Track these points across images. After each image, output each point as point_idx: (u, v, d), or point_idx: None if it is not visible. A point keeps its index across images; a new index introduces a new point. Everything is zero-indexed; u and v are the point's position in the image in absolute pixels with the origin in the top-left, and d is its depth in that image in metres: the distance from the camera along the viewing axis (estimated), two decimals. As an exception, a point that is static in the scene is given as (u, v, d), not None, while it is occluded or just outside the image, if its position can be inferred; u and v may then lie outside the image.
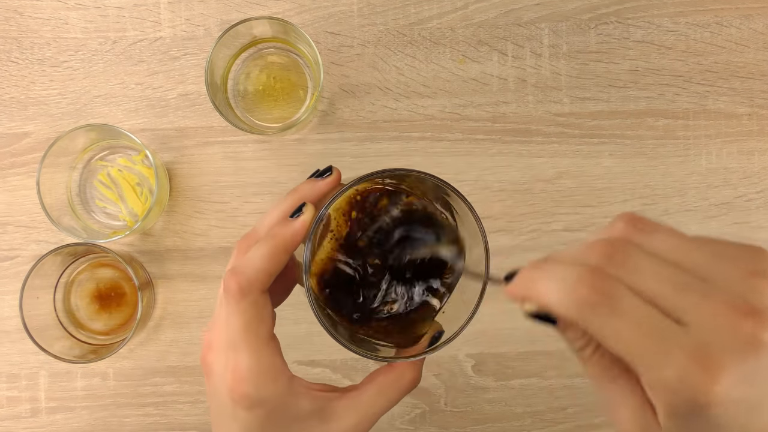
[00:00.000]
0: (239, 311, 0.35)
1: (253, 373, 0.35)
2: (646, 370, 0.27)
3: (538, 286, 0.29)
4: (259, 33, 0.62)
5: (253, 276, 0.35)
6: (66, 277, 0.65)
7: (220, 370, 0.36)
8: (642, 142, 0.65)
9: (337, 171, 0.39)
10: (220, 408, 0.37)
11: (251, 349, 0.35)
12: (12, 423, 0.65)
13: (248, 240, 0.38)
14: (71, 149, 0.62)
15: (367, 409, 0.38)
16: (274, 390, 0.36)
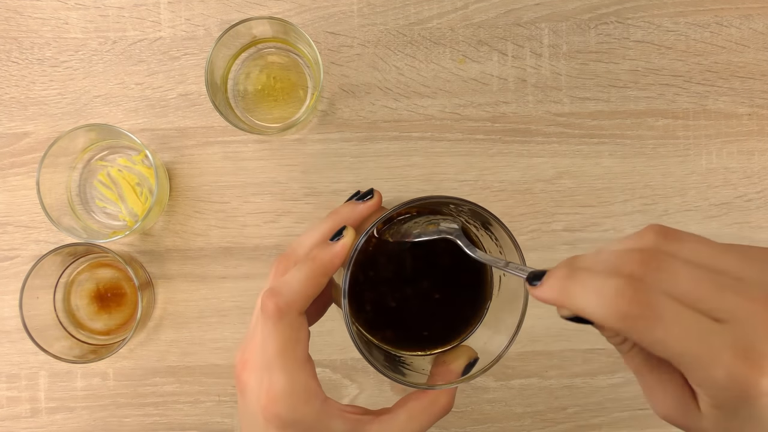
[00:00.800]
0: (276, 332, 0.36)
1: (287, 394, 0.35)
2: (693, 372, 0.28)
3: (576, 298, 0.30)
4: (259, 33, 0.62)
5: (292, 298, 0.36)
6: (66, 277, 0.65)
7: (255, 389, 0.36)
8: (642, 142, 0.65)
9: (378, 194, 0.39)
10: (253, 426, 0.37)
11: (286, 370, 0.36)
12: (12, 423, 0.65)
13: (286, 260, 0.38)
14: (71, 149, 0.62)
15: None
16: (307, 412, 0.36)
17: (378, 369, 0.36)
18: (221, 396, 0.65)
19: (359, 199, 0.39)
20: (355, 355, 0.65)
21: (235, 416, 0.65)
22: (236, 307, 0.65)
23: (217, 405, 0.65)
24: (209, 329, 0.65)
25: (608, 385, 0.65)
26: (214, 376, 0.65)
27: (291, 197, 0.65)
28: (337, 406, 0.38)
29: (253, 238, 0.65)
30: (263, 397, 0.36)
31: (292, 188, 0.65)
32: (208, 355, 0.65)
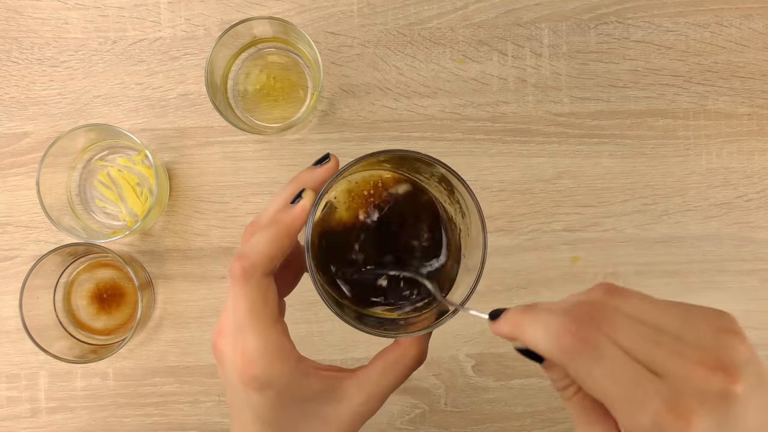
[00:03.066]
0: (244, 294, 0.36)
1: (260, 354, 0.36)
2: (623, 415, 0.29)
3: (525, 330, 0.32)
4: (259, 33, 0.62)
5: (256, 260, 0.36)
6: (66, 277, 0.65)
7: (230, 355, 0.37)
8: (642, 142, 0.65)
9: (335, 158, 0.40)
10: (234, 393, 0.37)
11: (257, 330, 0.36)
12: (12, 423, 0.65)
13: (253, 227, 0.39)
14: (71, 149, 0.62)
15: (375, 386, 0.38)
16: (282, 370, 0.36)
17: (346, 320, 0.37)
18: (221, 396, 0.65)
19: (317, 164, 0.41)
20: (356, 355, 0.65)
21: (235, 416, 0.65)
22: (236, 307, 0.65)
23: (217, 405, 0.65)
24: (209, 329, 0.65)
25: (608, 385, 0.65)
26: (214, 376, 0.65)
27: (291, 197, 0.65)
28: (313, 365, 0.38)
29: (253, 238, 0.65)
30: (238, 360, 0.36)
31: (292, 188, 0.65)
32: (208, 355, 0.65)
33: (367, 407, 0.38)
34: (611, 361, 0.30)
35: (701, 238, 0.65)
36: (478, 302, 0.65)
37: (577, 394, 0.33)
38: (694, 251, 0.65)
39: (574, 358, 0.30)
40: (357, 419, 0.38)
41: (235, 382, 0.37)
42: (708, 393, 0.28)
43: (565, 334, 0.30)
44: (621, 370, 0.29)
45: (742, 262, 0.65)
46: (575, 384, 0.32)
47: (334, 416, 0.38)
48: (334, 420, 0.37)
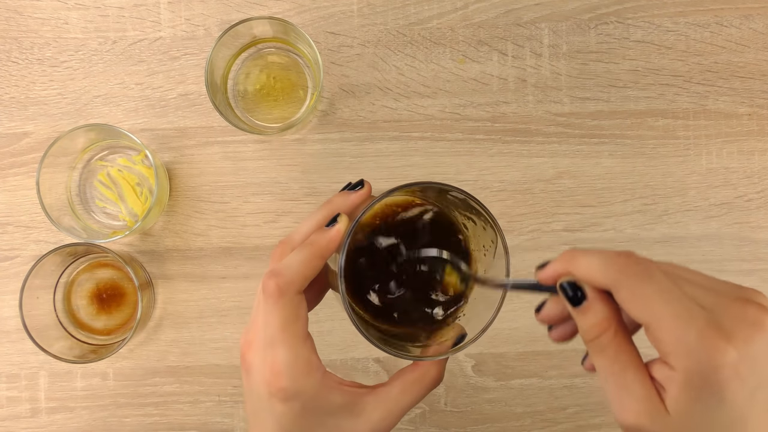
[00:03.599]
0: (277, 310, 0.38)
1: (289, 367, 0.37)
2: (669, 333, 0.32)
3: (580, 261, 0.35)
4: (259, 33, 0.62)
5: (291, 278, 0.38)
6: (66, 277, 0.65)
7: (259, 367, 0.38)
8: (642, 142, 0.65)
9: (368, 184, 0.42)
10: (258, 403, 0.39)
11: (288, 345, 0.38)
12: (12, 423, 0.65)
13: (284, 246, 0.41)
14: (71, 149, 0.62)
15: (394, 404, 0.39)
16: (309, 383, 0.38)
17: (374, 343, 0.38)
18: (221, 396, 0.65)
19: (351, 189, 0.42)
20: (355, 355, 0.65)
21: (235, 416, 0.65)
22: (236, 307, 0.65)
23: (217, 405, 0.65)
24: (209, 329, 0.65)
25: (608, 385, 0.65)
26: (214, 376, 0.65)
27: (291, 197, 0.65)
28: (336, 380, 0.40)
29: (253, 238, 0.65)
30: (267, 372, 0.38)
31: (292, 188, 0.65)
32: (208, 355, 0.65)
33: (385, 423, 0.39)
34: (662, 282, 0.33)
35: (701, 238, 0.65)
36: (478, 302, 0.64)
37: (615, 338, 0.34)
38: (694, 251, 0.65)
39: (629, 276, 0.33)
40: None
41: (261, 393, 0.38)
42: (745, 321, 0.31)
43: (620, 257, 0.34)
44: (670, 290, 0.32)
45: (742, 262, 0.65)
46: (612, 328, 0.34)
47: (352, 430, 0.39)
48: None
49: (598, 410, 0.65)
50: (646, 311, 0.33)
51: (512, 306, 0.64)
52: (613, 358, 0.34)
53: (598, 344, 0.35)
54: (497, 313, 0.39)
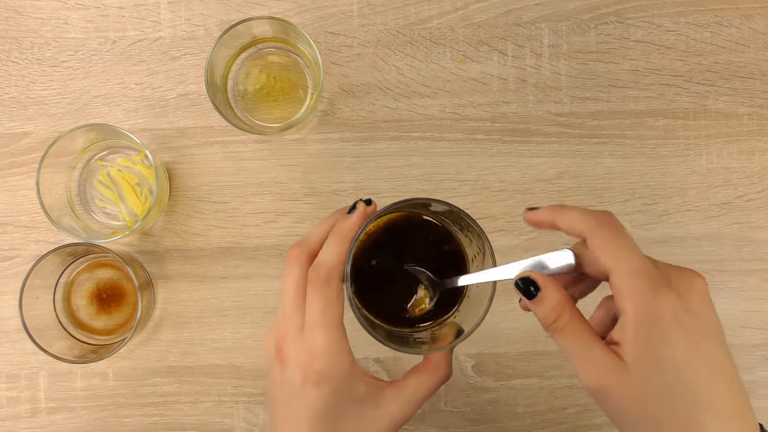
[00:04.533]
0: (322, 295, 0.41)
1: (325, 349, 0.41)
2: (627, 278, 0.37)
3: (564, 213, 0.40)
4: (259, 33, 0.62)
5: (332, 266, 0.42)
6: (66, 277, 0.64)
7: (295, 354, 0.41)
8: (642, 142, 0.65)
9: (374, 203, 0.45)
10: (291, 392, 0.42)
11: (327, 328, 0.41)
12: (12, 423, 0.65)
13: (301, 247, 0.44)
14: (71, 149, 0.62)
15: (410, 396, 0.43)
16: (341, 367, 0.41)
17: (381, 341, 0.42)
18: (221, 396, 0.65)
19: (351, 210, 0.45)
20: (356, 355, 0.64)
21: (235, 416, 0.65)
22: (236, 307, 0.65)
23: (217, 405, 0.65)
24: (209, 329, 0.65)
25: (608, 385, 0.65)
26: (214, 376, 0.65)
27: (291, 197, 0.65)
28: (361, 371, 0.43)
29: (253, 238, 0.65)
30: (305, 355, 0.41)
31: (292, 188, 0.65)
32: (208, 355, 0.65)
33: (403, 414, 0.43)
34: (629, 240, 0.38)
35: (701, 238, 0.65)
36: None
37: (570, 319, 0.38)
38: (694, 251, 0.65)
39: (605, 227, 0.39)
40: (393, 424, 0.43)
41: (296, 380, 0.41)
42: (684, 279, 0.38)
43: (599, 212, 0.40)
44: (635, 248, 0.38)
45: (743, 262, 0.65)
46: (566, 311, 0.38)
47: (373, 419, 0.43)
48: (373, 422, 0.43)
49: (598, 410, 0.65)
50: (612, 257, 0.38)
51: (512, 306, 0.64)
52: (572, 336, 0.38)
53: (556, 327, 0.38)
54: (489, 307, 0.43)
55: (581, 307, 0.40)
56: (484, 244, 0.43)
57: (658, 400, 0.36)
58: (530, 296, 0.39)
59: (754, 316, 0.65)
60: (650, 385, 0.36)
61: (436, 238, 0.47)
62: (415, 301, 0.47)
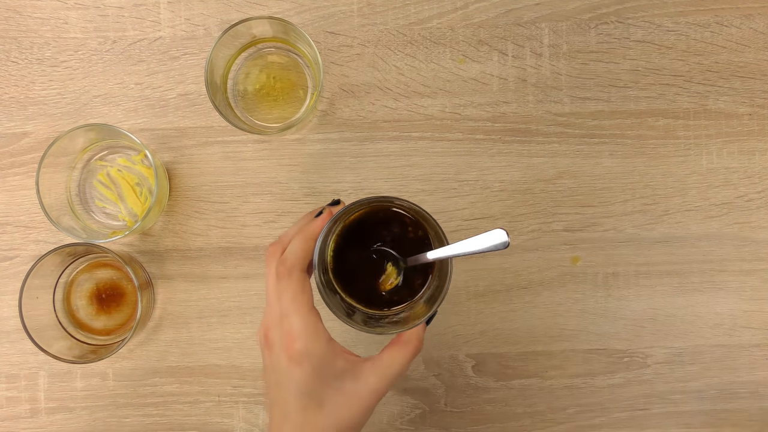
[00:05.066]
0: (289, 287, 0.47)
1: (301, 331, 0.46)
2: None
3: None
4: (259, 33, 0.62)
5: (294, 260, 0.47)
6: (65, 277, 0.64)
7: (277, 339, 0.47)
8: (642, 142, 0.65)
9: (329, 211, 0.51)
10: (279, 374, 0.47)
11: (299, 313, 0.46)
12: (11, 423, 0.65)
13: (276, 246, 0.49)
14: (70, 149, 0.62)
15: (385, 369, 0.47)
16: (318, 345, 0.46)
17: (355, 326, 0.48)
18: (221, 396, 0.65)
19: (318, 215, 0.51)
20: (355, 356, 0.64)
21: (235, 416, 0.65)
22: (236, 307, 0.65)
23: (217, 405, 0.65)
24: (209, 329, 0.65)
25: (608, 386, 0.65)
26: (214, 376, 0.65)
27: (291, 197, 0.65)
28: (339, 348, 0.47)
29: (252, 238, 0.65)
30: (285, 339, 0.46)
31: (291, 188, 0.65)
32: (207, 355, 0.65)
33: (380, 386, 0.47)
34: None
35: (701, 238, 0.65)
36: (481, 301, 0.65)
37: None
38: (694, 251, 0.65)
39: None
40: (372, 396, 0.47)
41: (282, 363, 0.46)
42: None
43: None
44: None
45: (743, 262, 0.65)
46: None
47: (353, 391, 0.47)
48: (353, 394, 0.47)
49: (598, 410, 0.65)
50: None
51: (512, 306, 0.64)
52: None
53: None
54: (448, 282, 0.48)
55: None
56: (435, 227, 0.48)
57: None
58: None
59: (755, 316, 0.65)
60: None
61: (402, 227, 0.52)
62: (384, 277, 0.52)
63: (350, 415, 0.47)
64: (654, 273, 0.65)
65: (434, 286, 0.51)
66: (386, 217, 0.52)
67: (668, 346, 0.65)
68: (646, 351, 0.65)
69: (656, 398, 0.65)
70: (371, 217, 0.52)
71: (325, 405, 0.46)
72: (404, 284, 0.52)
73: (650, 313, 0.65)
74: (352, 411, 0.47)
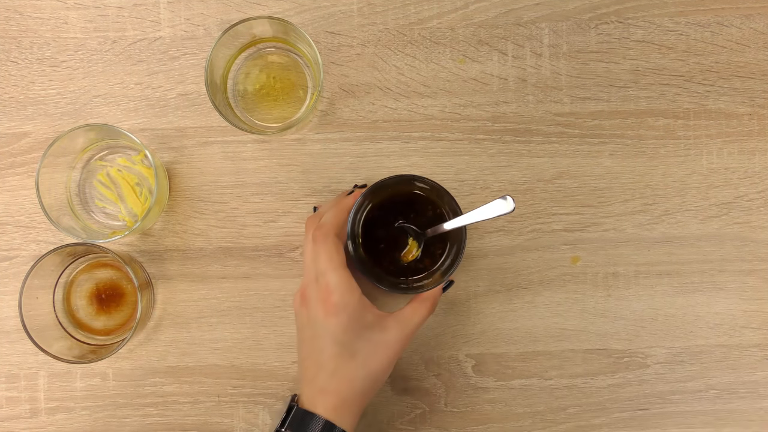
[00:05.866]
0: (324, 248, 0.53)
1: (336, 285, 0.52)
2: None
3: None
4: (259, 33, 0.62)
5: (329, 226, 0.54)
6: (65, 278, 0.64)
7: (315, 295, 0.53)
8: (642, 141, 0.65)
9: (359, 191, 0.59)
10: (315, 327, 0.53)
11: (335, 270, 0.52)
12: (11, 423, 0.65)
13: (314, 217, 0.58)
14: (70, 149, 0.62)
15: (407, 323, 0.54)
16: (352, 300, 0.52)
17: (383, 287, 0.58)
18: (221, 396, 0.65)
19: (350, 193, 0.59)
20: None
21: (235, 416, 0.65)
22: (236, 307, 0.65)
23: (217, 405, 0.65)
24: (209, 329, 0.65)
25: (608, 386, 0.65)
26: (213, 376, 0.65)
27: (291, 197, 0.65)
28: (368, 303, 0.53)
29: (252, 238, 0.65)
30: (322, 293, 0.52)
31: (291, 188, 0.65)
32: (207, 355, 0.65)
33: (402, 335, 0.54)
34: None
35: (701, 238, 0.65)
36: (481, 301, 0.65)
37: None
38: (694, 251, 0.65)
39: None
40: (398, 346, 0.54)
41: (319, 315, 0.52)
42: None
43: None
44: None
45: (743, 262, 0.65)
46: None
47: (381, 341, 0.53)
48: (381, 344, 0.53)
49: (598, 410, 0.65)
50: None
51: (512, 306, 0.64)
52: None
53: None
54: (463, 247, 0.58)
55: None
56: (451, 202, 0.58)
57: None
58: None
59: (755, 316, 0.65)
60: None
61: (423, 206, 0.61)
62: (406, 250, 0.61)
63: (378, 363, 0.53)
64: (654, 273, 0.65)
65: (452, 256, 0.60)
66: (408, 198, 0.61)
67: (668, 346, 0.65)
68: (646, 351, 0.65)
69: (656, 398, 0.65)
70: (395, 198, 0.61)
71: (357, 354, 0.52)
72: (426, 255, 0.61)
73: (650, 313, 0.65)
74: (380, 359, 0.53)
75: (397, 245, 0.61)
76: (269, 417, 0.64)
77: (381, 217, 0.61)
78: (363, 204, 0.59)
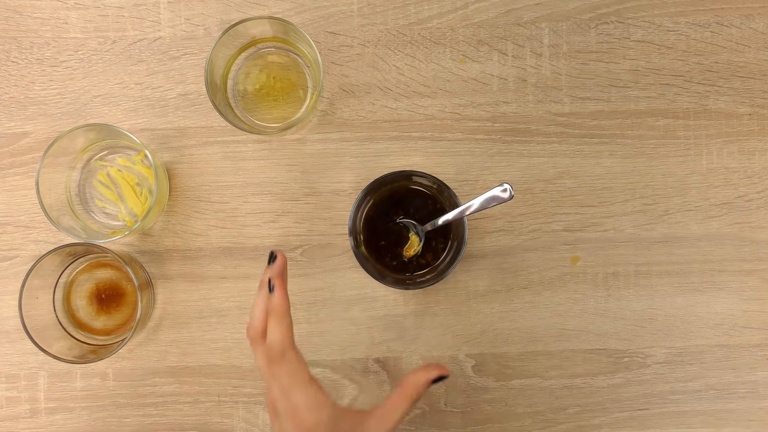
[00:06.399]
0: (284, 368, 0.50)
1: (305, 404, 0.49)
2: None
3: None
4: (259, 33, 0.62)
5: (282, 344, 0.50)
6: (65, 277, 0.64)
7: (284, 412, 0.49)
8: (642, 141, 0.65)
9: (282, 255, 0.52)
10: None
11: (300, 388, 0.49)
12: (11, 423, 0.65)
13: (253, 330, 0.51)
14: (70, 149, 0.62)
15: (388, 419, 0.51)
16: (322, 416, 0.49)
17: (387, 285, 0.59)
18: (221, 396, 0.65)
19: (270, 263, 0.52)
20: (356, 355, 0.65)
21: (234, 416, 0.65)
22: (236, 307, 0.65)
23: (217, 405, 0.65)
24: (209, 329, 0.65)
25: (608, 386, 0.65)
26: (213, 376, 0.65)
27: (291, 197, 0.65)
28: (342, 409, 0.50)
29: (252, 238, 0.65)
30: (290, 413, 0.49)
31: (291, 188, 0.65)
32: (207, 355, 0.65)
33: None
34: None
35: (701, 238, 0.65)
36: (481, 301, 0.65)
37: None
38: (694, 251, 0.65)
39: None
40: None
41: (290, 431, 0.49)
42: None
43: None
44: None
45: (743, 262, 0.65)
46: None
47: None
48: None
49: (598, 410, 0.65)
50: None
51: (512, 306, 0.64)
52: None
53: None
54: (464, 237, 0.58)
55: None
56: (450, 194, 0.58)
57: None
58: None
59: (755, 316, 0.65)
60: None
61: (422, 201, 0.62)
62: (408, 245, 0.62)
63: None
64: (654, 273, 0.65)
65: (453, 250, 0.60)
66: (408, 193, 0.62)
67: (668, 346, 0.65)
68: (646, 351, 0.65)
69: (656, 398, 0.65)
70: (395, 194, 0.61)
71: None
72: (428, 251, 0.62)
73: (650, 313, 0.65)
74: None
75: (398, 241, 0.62)
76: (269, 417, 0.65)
77: (381, 213, 0.62)
78: (363, 200, 0.60)
